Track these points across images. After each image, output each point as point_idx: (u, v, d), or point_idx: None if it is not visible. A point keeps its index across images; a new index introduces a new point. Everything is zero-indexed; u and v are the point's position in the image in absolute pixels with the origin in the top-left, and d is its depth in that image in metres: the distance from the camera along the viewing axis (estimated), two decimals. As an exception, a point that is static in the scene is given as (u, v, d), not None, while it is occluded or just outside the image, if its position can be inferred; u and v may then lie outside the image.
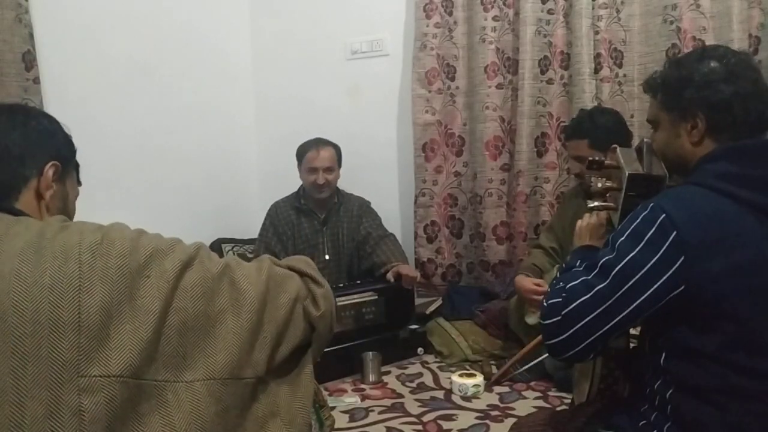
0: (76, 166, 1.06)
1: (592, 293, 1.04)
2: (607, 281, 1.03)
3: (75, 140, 1.05)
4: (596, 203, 1.28)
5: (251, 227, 3.34)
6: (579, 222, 1.34)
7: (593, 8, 2.73)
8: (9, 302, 0.74)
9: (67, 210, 1.01)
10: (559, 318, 1.06)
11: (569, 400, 2.06)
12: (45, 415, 0.72)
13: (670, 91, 1.15)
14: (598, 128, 2.28)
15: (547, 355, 2.27)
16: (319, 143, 2.85)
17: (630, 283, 1.01)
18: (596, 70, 2.76)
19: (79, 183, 1.07)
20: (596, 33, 2.75)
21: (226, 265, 0.89)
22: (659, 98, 1.18)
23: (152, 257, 0.82)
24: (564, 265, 1.23)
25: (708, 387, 1.02)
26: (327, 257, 2.90)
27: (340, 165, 2.89)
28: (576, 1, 2.72)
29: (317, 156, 2.82)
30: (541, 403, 2.24)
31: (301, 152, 2.87)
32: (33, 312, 0.73)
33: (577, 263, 1.15)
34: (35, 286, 0.75)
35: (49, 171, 0.96)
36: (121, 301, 0.77)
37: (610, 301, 1.02)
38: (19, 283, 0.75)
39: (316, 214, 2.91)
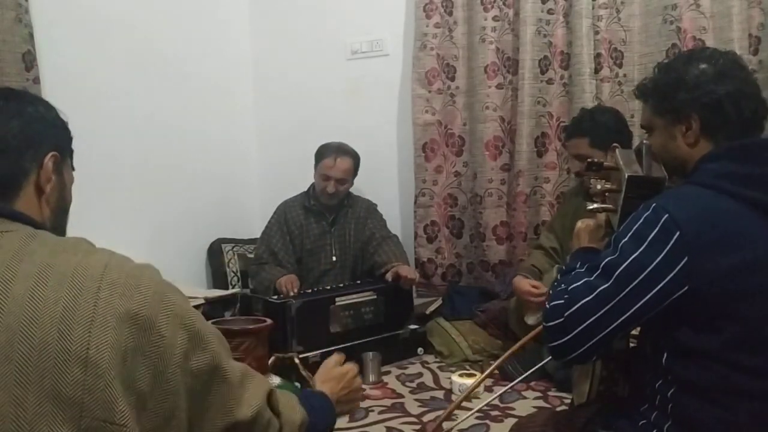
0: (71, 152, 1.01)
1: (594, 294, 1.03)
2: (610, 282, 1.03)
3: (75, 140, 1.03)
4: (595, 205, 1.28)
5: (251, 227, 3.34)
6: (577, 224, 1.34)
7: (593, 8, 2.73)
8: (17, 326, 0.70)
9: (64, 201, 0.97)
10: (562, 320, 1.05)
11: (569, 401, 2.05)
12: None
13: (661, 95, 1.16)
14: (598, 127, 2.29)
15: (548, 359, 2.27)
16: (338, 152, 2.82)
17: (633, 283, 1.01)
18: (596, 70, 2.76)
19: (72, 168, 1.02)
20: (596, 33, 2.75)
21: (245, 375, 0.85)
22: (651, 103, 1.19)
23: (171, 320, 0.77)
24: (563, 267, 1.23)
25: (710, 386, 1.02)
26: (334, 258, 2.91)
27: (355, 175, 2.87)
28: (576, 1, 2.72)
29: (333, 165, 2.80)
30: (541, 403, 2.24)
31: (320, 155, 2.85)
32: (41, 341, 0.70)
33: (578, 265, 1.15)
34: (47, 313, 0.71)
35: (49, 162, 0.91)
36: (128, 348, 0.72)
37: (613, 302, 1.02)
38: (31, 307, 0.71)
39: (325, 215, 2.91)
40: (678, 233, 1.00)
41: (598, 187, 1.26)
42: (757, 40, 2.51)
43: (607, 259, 1.05)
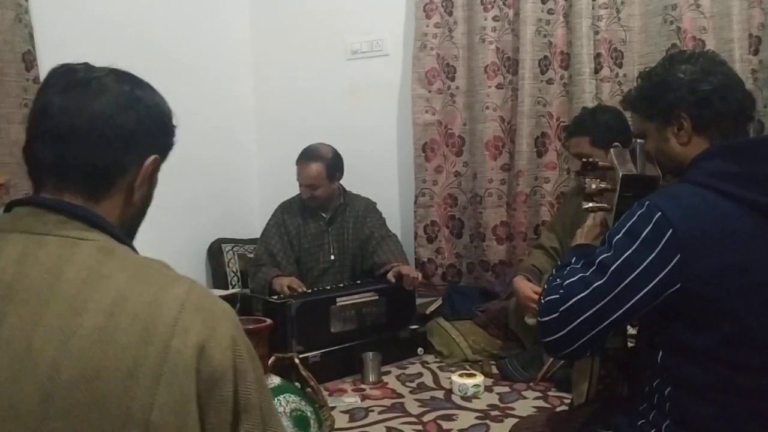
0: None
1: (589, 290, 1.04)
2: (605, 278, 1.04)
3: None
4: (590, 204, 1.29)
5: (251, 227, 3.34)
6: (577, 231, 1.35)
7: (593, 8, 2.73)
8: (81, 373, 0.63)
9: (146, 207, 0.89)
10: (557, 315, 1.06)
11: (569, 401, 2.05)
12: None
13: (649, 100, 1.18)
14: (599, 126, 2.29)
15: (560, 363, 2.28)
16: (306, 158, 2.79)
17: (627, 280, 1.02)
18: (596, 70, 2.76)
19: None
20: (596, 33, 2.74)
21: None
22: (640, 110, 1.21)
23: (235, 376, 0.70)
24: (559, 263, 1.24)
25: (706, 384, 1.03)
26: (332, 257, 2.90)
27: (331, 179, 2.82)
28: (576, 1, 2.72)
29: (301, 172, 2.80)
30: (541, 403, 2.24)
31: (296, 160, 2.85)
32: (103, 395, 0.63)
33: (573, 260, 1.16)
34: (114, 362, 0.64)
35: (149, 165, 0.83)
36: (191, 408, 0.66)
37: (607, 298, 1.03)
38: (99, 351, 0.64)
39: (322, 215, 2.91)
40: (671, 231, 1.00)
41: (593, 186, 1.28)
42: (757, 40, 2.51)
43: (602, 256, 1.07)
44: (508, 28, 2.91)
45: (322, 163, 2.79)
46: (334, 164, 2.84)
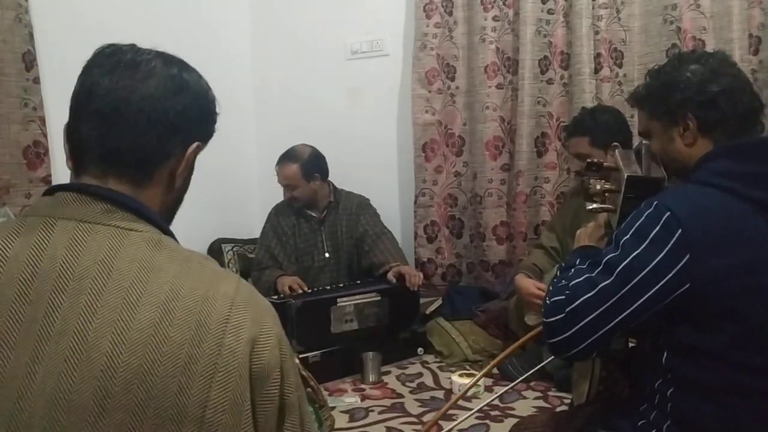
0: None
1: (596, 290, 1.03)
2: (612, 278, 1.03)
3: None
4: (594, 205, 1.28)
5: (251, 227, 3.34)
6: (578, 231, 1.34)
7: (593, 8, 2.73)
8: (138, 368, 0.63)
9: (179, 201, 0.87)
10: (563, 315, 1.05)
11: (569, 401, 2.06)
12: None
13: (656, 99, 1.17)
14: (599, 126, 2.29)
15: (551, 358, 2.27)
16: (282, 159, 2.82)
17: (635, 280, 1.01)
18: (596, 70, 2.76)
19: None
20: (596, 33, 2.74)
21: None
22: (647, 109, 1.20)
23: (281, 375, 0.71)
24: (563, 264, 1.23)
25: (710, 386, 1.02)
26: (327, 255, 2.91)
27: (309, 178, 2.81)
28: (576, 1, 2.72)
29: (278, 173, 2.82)
30: (541, 403, 2.24)
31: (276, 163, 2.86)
32: (160, 392, 0.63)
33: (578, 261, 1.15)
34: (170, 359, 0.64)
35: (192, 153, 0.81)
36: (244, 405, 0.67)
37: (614, 299, 1.02)
38: (155, 347, 0.64)
39: (312, 215, 2.92)
40: (680, 231, 1.00)
41: (598, 187, 1.27)
42: (757, 40, 2.51)
43: (609, 256, 1.05)
44: (508, 28, 2.91)
45: (297, 164, 2.79)
46: (311, 164, 2.82)
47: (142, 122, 0.75)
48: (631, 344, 1.28)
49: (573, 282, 1.07)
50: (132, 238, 0.70)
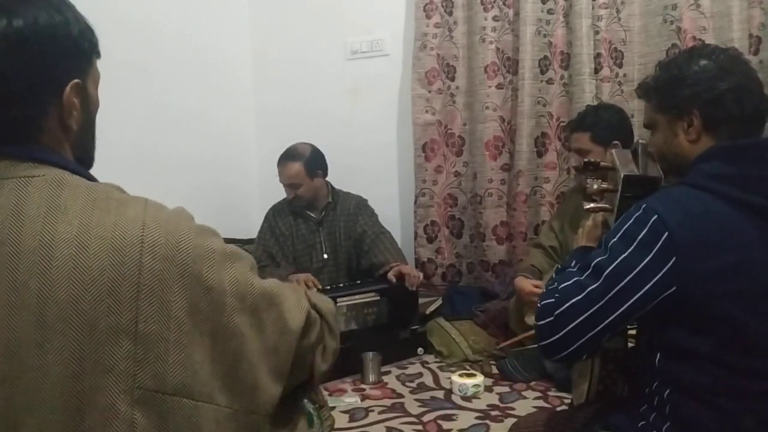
0: (97, 56, 0.86)
1: (584, 294, 1.04)
2: (599, 282, 1.03)
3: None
4: (592, 204, 1.28)
5: (251, 227, 3.34)
6: (579, 230, 1.34)
7: (593, 8, 2.73)
8: (68, 300, 0.69)
9: (87, 132, 0.85)
10: (552, 318, 1.05)
11: (569, 401, 2.06)
12: (102, 423, 0.70)
13: (663, 92, 1.16)
14: (600, 122, 2.31)
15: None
16: (284, 158, 2.82)
17: (622, 284, 1.01)
18: (596, 70, 2.76)
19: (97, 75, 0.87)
20: (596, 33, 2.75)
21: (276, 295, 0.84)
22: (654, 101, 1.19)
23: (215, 270, 0.77)
24: (560, 266, 1.23)
25: (704, 387, 1.02)
26: (325, 256, 2.91)
27: (312, 176, 2.81)
28: (576, 1, 2.72)
29: (281, 172, 2.82)
30: (541, 403, 2.24)
31: (277, 162, 2.86)
32: (91, 316, 0.70)
33: (572, 264, 1.15)
34: (94, 285, 0.70)
35: (71, 94, 0.78)
36: (179, 313, 0.73)
37: (602, 302, 1.02)
38: (78, 279, 0.70)
39: (310, 215, 2.92)
40: (666, 234, 1.00)
41: (595, 186, 1.27)
42: (757, 40, 2.51)
43: (597, 259, 1.06)
44: (508, 28, 2.91)
45: (300, 162, 2.80)
46: (314, 161, 2.83)
47: None
48: (630, 344, 1.28)
49: (562, 285, 1.08)
50: (35, 184, 0.74)
